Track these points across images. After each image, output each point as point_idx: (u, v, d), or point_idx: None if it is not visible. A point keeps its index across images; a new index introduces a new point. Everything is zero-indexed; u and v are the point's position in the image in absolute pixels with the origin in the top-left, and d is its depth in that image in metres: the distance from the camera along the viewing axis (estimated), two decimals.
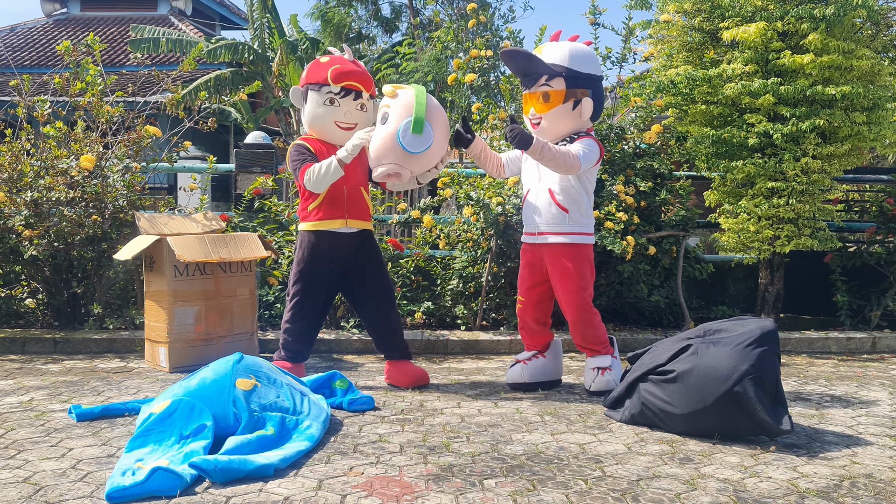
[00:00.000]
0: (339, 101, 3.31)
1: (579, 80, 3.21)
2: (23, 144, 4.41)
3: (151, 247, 3.75)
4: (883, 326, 4.91)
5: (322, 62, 3.37)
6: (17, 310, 4.65)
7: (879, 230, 5.03)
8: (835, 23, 4.24)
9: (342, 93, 3.31)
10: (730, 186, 4.72)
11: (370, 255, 3.41)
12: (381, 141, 3.09)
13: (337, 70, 3.30)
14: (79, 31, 16.39)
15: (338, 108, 3.32)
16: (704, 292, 5.18)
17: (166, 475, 2.06)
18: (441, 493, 2.11)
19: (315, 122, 3.37)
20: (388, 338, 3.44)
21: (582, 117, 3.24)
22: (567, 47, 3.24)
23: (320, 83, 3.32)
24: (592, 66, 3.27)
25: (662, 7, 4.77)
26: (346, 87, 3.31)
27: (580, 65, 3.22)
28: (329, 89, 3.30)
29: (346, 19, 17.72)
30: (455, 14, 14.22)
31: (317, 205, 3.32)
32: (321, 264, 3.34)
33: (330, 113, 3.33)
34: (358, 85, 3.33)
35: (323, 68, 3.33)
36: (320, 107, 3.34)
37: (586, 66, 3.24)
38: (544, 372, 3.45)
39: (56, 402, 3.05)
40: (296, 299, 3.36)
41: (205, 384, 2.54)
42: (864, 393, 3.47)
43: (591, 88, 3.25)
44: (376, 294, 3.41)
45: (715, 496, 2.13)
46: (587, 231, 3.30)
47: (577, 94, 3.22)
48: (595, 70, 3.28)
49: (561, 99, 3.20)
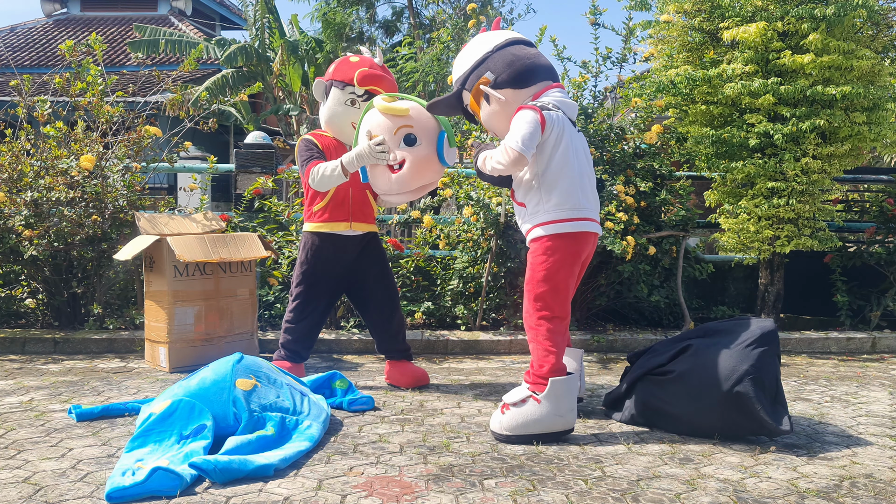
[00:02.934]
0: (361, 104, 3.28)
1: (470, 75, 2.83)
2: (23, 144, 4.41)
3: (151, 247, 3.75)
4: (883, 326, 4.90)
5: (351, 61, 3.34)
6: (17, 310, 4.65)
7: (879, 230, 5.03)
8: (835, 23, 4.24)
9: (365, 95, 3.27)
10: (730, 186, 4.72)
11: (375, 258, 3.40)
12: (424, 163, 3.00)
13: (364, 73, 3.26)
14: (79, 31, 16.40)
15: (358, 109, 3.28)
16: (704, 292, 5.18)
17: (166, 475, 2.06)
18: (441, 493, 2.11)
19: (333, 119, 3.35)
20: (390, 339, 3.44)
21: (504, 100, 2.74)
22: (456, 61, 2.93)
23: (345, 82, 3.29)
24: (476, 52, 2.83)
25: (662, 7, 4.77)
26: (370, 90, 3.27)
27: (463, 65, 2.86)
28: (353, 90, 3.27)
29: (346, 21, 17.72)
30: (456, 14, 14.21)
31: (322, 206, 3.30)
32: (325, 266, 3.33)
33: (349, 113, 3.30)
34: (381, 90, 3.27)
35: (351, 68, 3.30)
36: (340, 105, 3.31)
37: (468, 59, 2.84)
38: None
39: (56, 402, 3.05)
40: (298, 300, 3.36)
41: (205, 384, 2.54)
42: (864, 393, 3.47)
43: (488, 69, 2.77)
44: (380, 296, 3.40)
45: (715, 496, 2.13)
46: (547, 220, 2.66)
47: (480, 89, 2.80)
48: (481, 51, 2.81)
49: (476, 105, 2.87)
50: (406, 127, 2.99)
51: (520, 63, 2.76)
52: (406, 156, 2.99)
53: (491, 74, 2.77)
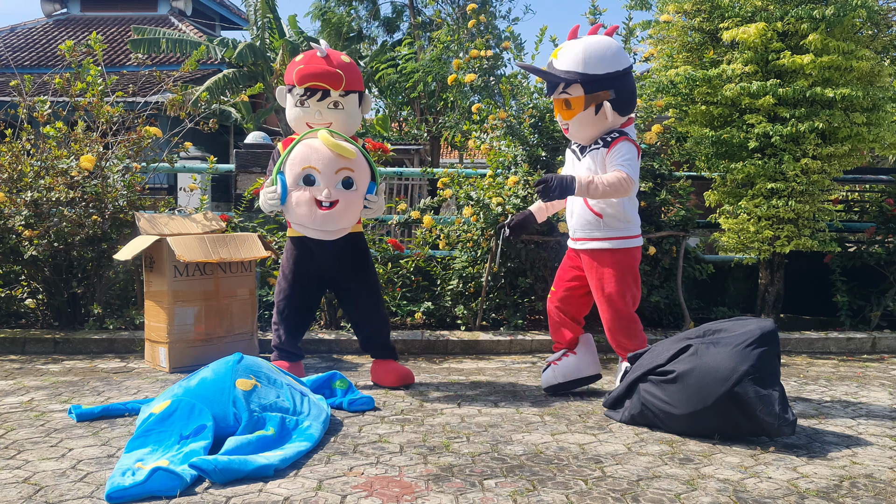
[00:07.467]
0: (308, 103, 3.27)
1: (597, 83, 3.05)
2: (23, 144, 4.41)
3: (151, 247, 3.75)
4: (883, 326, 4.90)
5: (295, 62, 3.33)
6: (17, 310, 4.64)
7: (879, 230, 5.03)
8: (835, 23, 4.24)
9: (307, 94, 3.25)
10: (730, 187, 4.72)
11: (355, 257, 3.40)
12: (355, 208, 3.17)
13: (300, 71, 3.23)
14: (79, 32, 16.41)
15: (307, 109, 3.28)
16: (704, 292, 5.18)
17: (166, 475, 2.06)
18: (441, 493, 2.11)
19: (293, 122, 3.37)
20: (369, 337, 3.46)
21: (608, 119, 3.08)
22: (581, 48, 3.06)
23: (291, 85, 3.30)
24: (611, 63, 3.06)
25: (662, 7, 4.77)
26: (310, 87, 3.24)
27: (596, 66, 3.03)
28: (297, 91, 3.27)
29: (345, 19, 17.72)
30: (456, 14, 14.21)
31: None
32: (299, 269, 3.36)
33: (302, 114, 3.31)
34: (323, 85, 3.22)
35: (292, 69, 3.30)
36: (293, 108, 3.33)
37: (603, 65, 3.04)
38: (577, 369, 3.30)
39: (56, 403, 3.05)
40: (279, 299, 3.41)
41: (205, 384, 2.54)
42: (864, 393, 3.47)
43: (613, 87, 3.06)
44: (358, 295, 3.42)
45: (715, 496, 2.13)
46: (626, 234, 3.13)
47: (599, 98, 3.05)
48: (615, 66, 3.07)
49: (581, 105, 3.07)
50: (347, 170, 3.12)
51: (634, 96, 3.21)
52: (340, 197, 3.10)
53: (614, 94, 3.07)
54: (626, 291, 3.14)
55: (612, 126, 3.13)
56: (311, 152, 3.11)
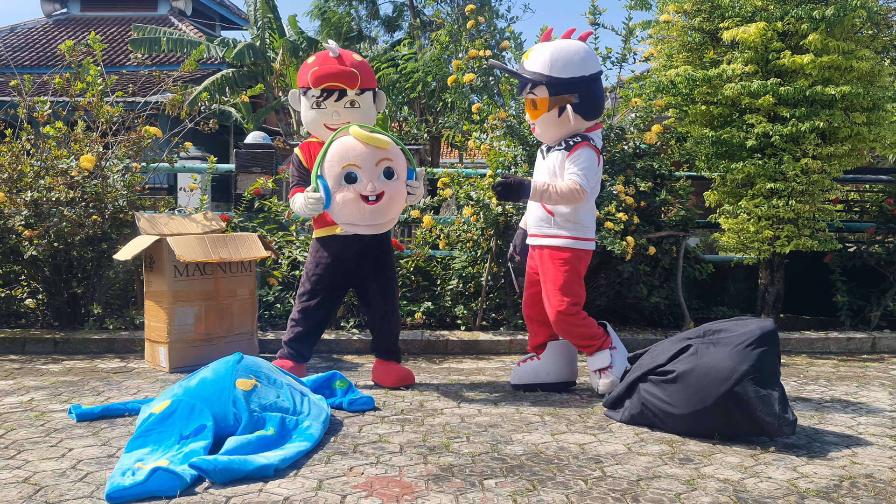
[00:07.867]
0: (324, 104, 3.28)
1: (562, 86, 3.11)
2: (23, 144, 4.41)
3: (151, 247, 3.75)
4: (883, 326, 4.90)
5: (307, 63, 3.34)
6: (17, 310, 4.64)
7: (879, 230, 5.03)
8: (835, 23, 4.24)
9: (324, 95, 3.26)
10: (730, 187, 4.72)
11: (376, 257, 3.41)
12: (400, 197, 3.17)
13: (315, 73, 3.25)
14: (79, 31, 16.40)
15: (324, 110, 3.29)
16: (704, 293, 5.18)
17: (166, 475, 2.07)
18: (441, 493, 2.11)
19: (309, 125, 3.39)
20: (381, 337, 3.46)
21: (571, 122, 3.13)
22: (549, 51, 3.13)
23: (305, 87, 3.31)
24: (577, 68, 3.12)
25: (662, 7, 4.77)
26: (326, 88, 3.25)
27: (561, 70, 3.10)
28: (313, 93, 3.28)
29: (345, 18, 17.73)
30: (455, 14, 14.21)
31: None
32: (327, 270, 3.36)
33: (319, 116, 3.32)
34: (339, 85, 3.24)
35: (306, 71, 3.31)
36: (309, 111, 3.34)
37: (569, 69, 3.10)
38: (535, 374, 3.36)
39: (56, 402, 3.05)
40: (303, 301, 3.39)
41: (205, 384, 2.54)
42: (864, 393, 3.47)
43: (578, 92, 3.11)
44: (377, 295, 3.43)
45: (715, 496, 2.13)
46: (576, 235, 3.18)
47: (563, 101, 3.12)
48: (581, 71, 3.12)
49: (546, 106, 3.15)
50: (387, 160, 3.11)
51: (600, 102, 3.23)
52: (385, 188, 3.10)
53: (577, 98, 3.12)
54: (567, 289, 3.15)
55: (576, 130, 3.19)
56: (347, 150, 3.08)
